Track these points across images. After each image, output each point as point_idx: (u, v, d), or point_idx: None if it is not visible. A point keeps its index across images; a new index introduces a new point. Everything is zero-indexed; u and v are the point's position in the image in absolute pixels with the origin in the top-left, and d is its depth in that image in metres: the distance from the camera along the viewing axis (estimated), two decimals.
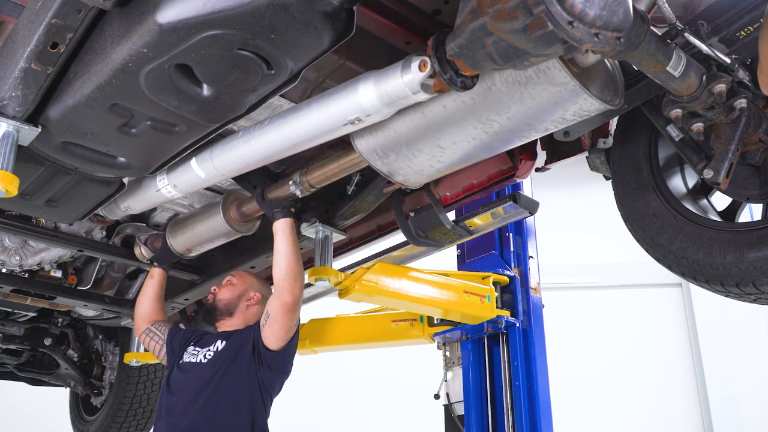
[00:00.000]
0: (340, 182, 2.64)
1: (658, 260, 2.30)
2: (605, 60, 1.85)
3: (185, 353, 3.00)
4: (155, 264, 3.23)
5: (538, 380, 4.09)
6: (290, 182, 2.58)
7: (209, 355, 2.90)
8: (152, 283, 3.24)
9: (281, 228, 2.68)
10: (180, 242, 3.08)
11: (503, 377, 4.14)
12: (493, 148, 2.05)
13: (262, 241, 3.12)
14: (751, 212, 2.64)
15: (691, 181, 2.32)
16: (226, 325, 3.05)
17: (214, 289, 3.11)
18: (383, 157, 2.15)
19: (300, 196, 2.61)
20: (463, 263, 4.61)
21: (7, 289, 3.49)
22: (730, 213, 2.28)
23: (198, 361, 2.91)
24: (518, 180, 2.57)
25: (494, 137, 1.94)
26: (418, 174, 2.19)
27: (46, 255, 3.51)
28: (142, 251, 3.28)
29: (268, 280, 3.11)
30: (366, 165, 2.27)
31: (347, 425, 8.52)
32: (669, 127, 2.14)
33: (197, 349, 2.98)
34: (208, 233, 2.97)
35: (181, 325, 3.78)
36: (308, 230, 2.81)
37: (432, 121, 1.97)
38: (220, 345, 2.91)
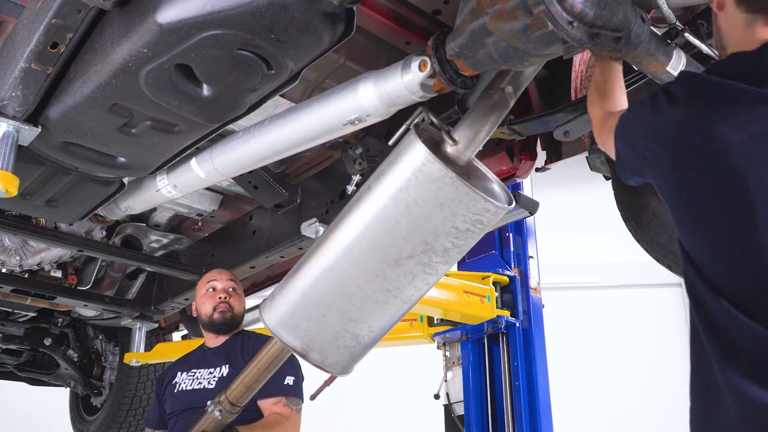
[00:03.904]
0: (340, 182, 2.64)
1: (658, 260, 2.30)
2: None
3: (178, 384, 2.86)
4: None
5: (538, 380, 4.10)
6: (211, 407, 2.43)
7: (214, 381, 2.76)
8: None
9: None
10: None
11: (503, 377, 4.15)
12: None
13: (262, 241, 3.13)
14: None
15: None
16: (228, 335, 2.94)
17: (226, 298, 2.91)
18: (294, 330, 1.89)
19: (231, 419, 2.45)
20: (463, 263, 4.61)
21: (7, 289, 3.49)
22: None
23: (203, 387, 2.76)
24: (518, 180, 2.57)
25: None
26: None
27: (46, 255, 3.51)
28: None
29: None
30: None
31: (347, 425, 8.52)
32: None
33: (194, 371, 2.85)
34: None
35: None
36: (308, 230, 2.81)
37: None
38: (225, 370, 2.76)
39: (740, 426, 1.34)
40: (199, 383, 2.79)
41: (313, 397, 2.58)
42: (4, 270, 3.43)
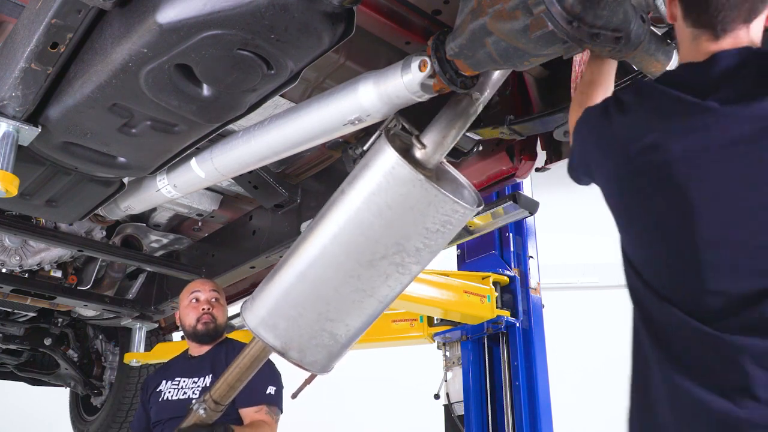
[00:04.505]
0: (340, 182, 2.64)
1: None
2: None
3: (163, 393, 2.88)
4: None
5: (538, 380, 4.10)
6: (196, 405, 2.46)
7: (198, 390, 2.78)
8: None
9: None
10: None
11: (503, 377, 4.15)
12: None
13: (262, 241, 3.13)
14: None
15: None
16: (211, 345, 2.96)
17: (210, 309, 2.93)
18: (273, 330, 1.93)
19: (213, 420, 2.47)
20: (463, 263, 4.61)
21: (7, 289, 3.49)
22: None
23: (187, 397, 2.78)
24: (518, 180, 2.57)
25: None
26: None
27: (46, 255, 3.51)
28: None
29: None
30: None
31: (347, 425, 8.52)
32: None
33: (178, 380, 2.87)
34: None
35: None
36: None
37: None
38: (208, 380, 2.79)
39: (676, 423, 1.38)
40: (184, 393, 2.82)
41: (294, 396, 2.61)
42: (4, 270, 3.44)
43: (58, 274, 3.69)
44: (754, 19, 1.44)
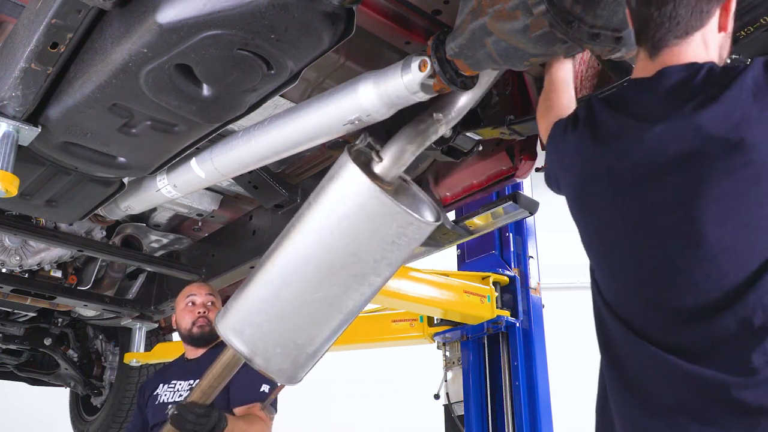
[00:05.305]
0: None
1: None
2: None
3: (159, 396, 2.89)
4: None
5: (538, 380, 4.10)
6: None
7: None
8: None
9: None
10: None
11: (503, 377, 4.15)
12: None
13: (262, 241, 3.12)
14: None
15: None
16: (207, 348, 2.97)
17: (205, 312, 2.96)
18: (240, 335, 1.97)
19: None
20: (463, 263, 4.61)
21: (7, 289, 3.49)
22: None
23: (183, 399, 2.72)
24: (518, 180, 2.57)
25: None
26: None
27: (46, 255, 3.51)
28: None
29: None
30: None
31: (347, 425, 8.51)
32: None
33: (174, 383, 2.89)
34: None
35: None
36: None
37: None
38: None
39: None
40: (180, 395, 2.84)
41: (263, 407, 2.64)
42: (4, 270, 3.43)
43: (58, 274, 3.69)
44: (693, 33, 1.42)
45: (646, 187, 1.40)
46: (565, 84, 1.84)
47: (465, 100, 1.83)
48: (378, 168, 1.84)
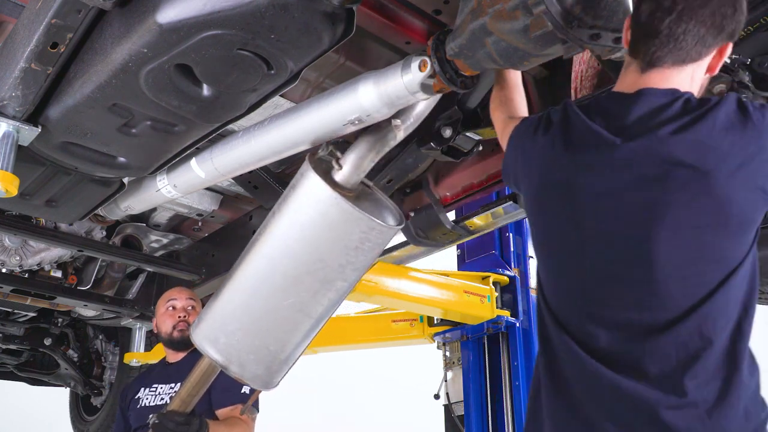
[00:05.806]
0: None
1: None
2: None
3: (141, 399, 2.89)
4: None
5: None
6: None
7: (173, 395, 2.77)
8: None
9: None
10: None
11: (503, 377, 4.15)
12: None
13: None
14: None
15: None
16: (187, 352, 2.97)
17: (185, 317, 2.96)
18: (215, 344, 1.98)
19: None
20: (463, 263, 4.61)
21: (7, 289, 3.49)
22: None
23: (165, 402, 2.78)
24: None
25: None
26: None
27: (46, 255, 3.51)
28: None
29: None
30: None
31: (347, 425, 8.52)
32: None
33: (155, 386, 2.89)
34: None
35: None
36: None
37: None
38: None
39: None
40: (161, 399, 2.84)
41: (242, 412, 2.64)
42: (4, 270, 3.43)
43: (58, 274, 3.69)
44: (690, 63, 1.42)
45: (604, 201, 1.41)
46: (517, 78, 1.90)
47: (423, 106, 1.84)
48: (338, 176, 1.87)
